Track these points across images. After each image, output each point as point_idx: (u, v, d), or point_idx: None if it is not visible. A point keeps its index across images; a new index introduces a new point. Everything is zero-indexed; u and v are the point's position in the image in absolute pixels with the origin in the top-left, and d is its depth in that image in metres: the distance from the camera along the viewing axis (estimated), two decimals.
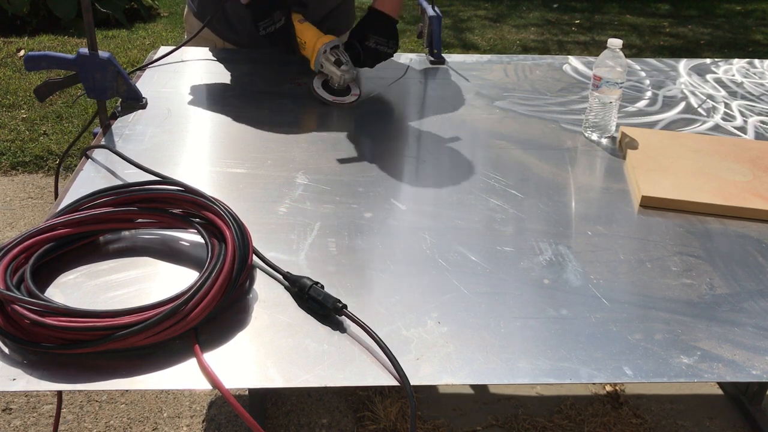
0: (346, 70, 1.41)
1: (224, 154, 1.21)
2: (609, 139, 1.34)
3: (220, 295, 0.81)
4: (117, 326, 0.75)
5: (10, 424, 1.78)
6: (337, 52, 1.42)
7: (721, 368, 0.80)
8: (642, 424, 1.85)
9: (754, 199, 1.11)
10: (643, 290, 0.92)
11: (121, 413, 1.83)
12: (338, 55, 1.42)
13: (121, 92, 1.30)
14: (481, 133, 1.35)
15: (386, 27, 1.46)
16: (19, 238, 0.86)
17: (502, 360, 0.80)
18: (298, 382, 0.75)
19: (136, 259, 0.92)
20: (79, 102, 3.55)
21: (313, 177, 1.15)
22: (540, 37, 5.32)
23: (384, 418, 1.83)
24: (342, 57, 1.42)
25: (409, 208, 1.08)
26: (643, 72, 1.71)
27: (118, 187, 0.96)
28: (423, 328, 0.83)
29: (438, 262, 0.95)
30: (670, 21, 5.91)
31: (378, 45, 1.45)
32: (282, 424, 1.81)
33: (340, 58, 1.41)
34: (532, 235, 1.03)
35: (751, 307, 0.90)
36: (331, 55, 1.41)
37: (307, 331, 0.82)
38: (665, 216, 1.09)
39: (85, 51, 1.22)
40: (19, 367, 0.75)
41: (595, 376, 0.78)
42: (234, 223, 0.89)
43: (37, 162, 3.08)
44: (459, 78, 1.61)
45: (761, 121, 1.45)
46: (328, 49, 1.42)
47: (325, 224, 1.03)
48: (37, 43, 4.35)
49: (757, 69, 1.76)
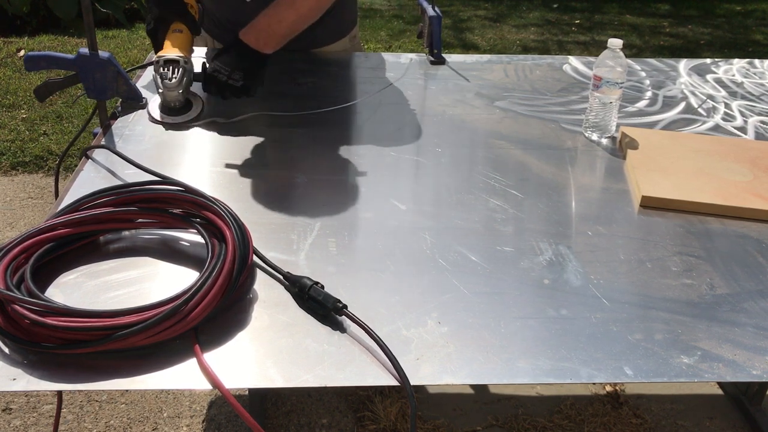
0: (168, 86, 1.26)
1: (224, 154, 1.21)
2: (609, 139, 1.34)
3: (220, 295, 0.81)
4: (117, 326, 0.75)
5: (10, 424, 1.78)
6: (170, 67, 1.27)
7: (721, 368, 0.80)
8: (642, 424, 1.85)
9: (754, 199, 1.11)
10: (643, 290, 0.92)
11: (121, 413, 1.83)
12: (168, 69, 1.27)
13: (121, 92, 1.30)
14: (481, 133, 1.35)
15: (238, 58, 1.31)
16: (19, 238, 0.86)
17: (502, 360, 0.80)
18: (298, 382, 0.75)
19: (136, 259, 0.93)
20: (79, 102, 3.55)
21: (313, 177, 1.15)
22: (540, 37, 5.32)
23: (384, 418, 1.83)
24: (171, 73, 1.27)
25: (409, 208, 1.08)
26: (643, 72, 1.71)
27: (118, 187, 0.96)
28: (423, 328, 0.83)
29: (438, 262, 0.95)
30: (670, 21, 5.91)
31: (215, 72, 1.30)
32: (282, 424, 1.81)
33: (166, 73, 1.27)
34: (532, 235, 1.03)
35: (751, 307, 0.90)
36: (162, 68, 1.28)
37: (307, 331, 0.82)
38: (665, 216, 1.09)
39: (85, 51, 1.22)
40: (19, 367, 0.75)
41: (595, 376, 0.78)
42: (234, 223, 0.89)
43: (37, 162, 3.08)
44: (459, 78, 1.61)
45: (761, 121, 1.45)
46: (162, 61, 1.28)
47: (325, 224, 1.03)
48: (37, 43, 4.34)
49: (757, 69, 1.76)
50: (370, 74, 1.59)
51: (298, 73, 1.56)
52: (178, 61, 1.28)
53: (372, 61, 1.68)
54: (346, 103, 1.44)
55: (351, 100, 1.46)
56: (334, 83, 1.54)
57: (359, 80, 1.56)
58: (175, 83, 1.27)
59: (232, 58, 1.31)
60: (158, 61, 1.28)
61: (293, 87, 1.50)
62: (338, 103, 1.44)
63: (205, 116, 1.34)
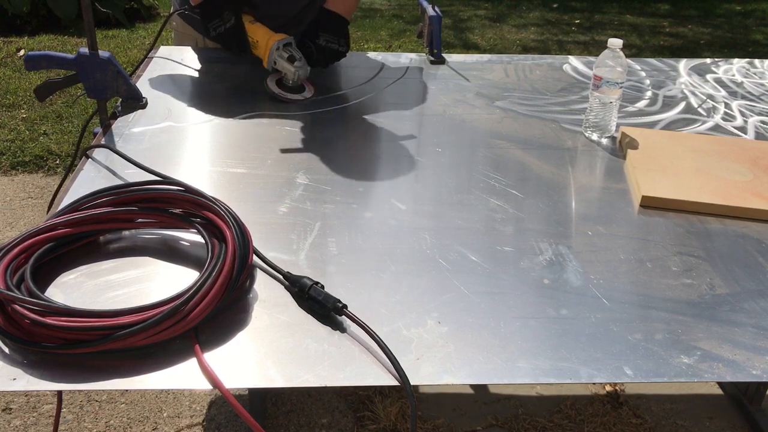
0: (299, 66, 1.41)
1: (224, 154, 1.21)
2: (609, 139, 1.34)
3: (220, 295, 0.81)
4: (117, 326, 0.75)
5: (10, 423, 1.78)
6: (290, 49, 1.42)
7: (721, 368, 0.80)
8: (642, 424, 1.85)
9: (754, 199, 1.11)
10: (643, 290, 0.92)
11: (121, 413, 1.83)
12: (291, 51, 1.42)
13: (121, 92, 1.30)
14: (481, 133, 1.35)
15: (337, 26, 1.48)
16: (19, 238, 0.86)
17: (502, 360, 0.80)
18: (299, 382, 0.75)
19: (136, 259, 0.92)
20: (79, 102, 3.55)
21: (313, 177, 1.15)
22: (540, 37, 5.32)
23: (384, 418, 1.83)
24: (295, 53, 1.42)
25: (409, 208, 1.08)
26: (643, 72, 1.71)
27: (118, 187, 0.96)
28: (423, 328, 0.83)
29: (438, 262, 0.95)
30: (670, 21, 5.91)
31: (329, 43, 1.46)
32: (282, 424, 1.81)
33: (293, 55, 1.42)
34: (532, 235, 1.03)
35: (751, 307, 0.90)
36: (284, 52, 1.42)
37: (307, 331, 0.82)
38: (665, 216, 1.09)
39: (85, 51, 1.22)
40: (19, 366, 0.75)
41: (595, 376, 0.78)
42: (234, 223, 0.89)
43: (37, 162, 3.08)
44: (459, 78, 1.61)
45: (761, 121, 1.45)
46: (281, 46, 1.42)
47: (325, 224, 1.03)
48: (37, 43, 4.35)
49: (757, 69, 1.76)
50: (370, 74, 1.59)
51: None
52: (292, 42, 1.43)
53: (372, 61, 1.68)
54: (346, 103, 1.44)
55: (351, 100, 1.46)
56: (334, 83, 1.54)
57: (359, 80, 1.56)
58: (304, 62, 1.43)
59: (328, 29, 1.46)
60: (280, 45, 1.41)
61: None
62: (338, 103, 1.44)
63: (207, 116, 1.34)
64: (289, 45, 1.43)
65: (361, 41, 4.95)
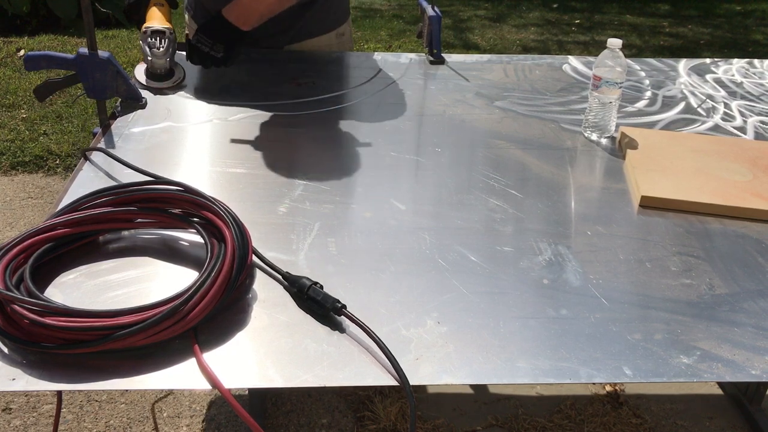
0: (157, 54, 1.41)
1: (224, 154, 1.21)
2: (609, 139, 1.34)
3: (219, 295, 0.81)
4: (117, 326, 0.75)
5: (10, 423, 1.78)
6: (157, 37, 1.42)
7: (720, 368, 0.80)
8: (642, 424, 1.85)
9: (754, 199, 1.11)
10: (642, 290, 0.92)
11: (121, 413, 1.83)
12: (156, 39, 1.42)
13: (121, 92, 1.31)
14: (481, 133, 1.35)
15: (218, 30, 1.42)
16: (18, 238, 0.86)
17: (502, 360, 0.80)
18: (298, 382, 0.75)
19: (136, 259, 0.92)
20: (79, 102, 3.55)
21: (313, 177, 1.15)
22: (540, 37, 5.32)
23: (384, 418, 1.83)
24: (159, 43, 1.41)
25: (409, 208, 1.08)
26: (643, 72, 1.71)
27: (117, 187, 0.96)
28: (423, 328, 0.83)
29: (438, 262, 0.95)
30: (670, 21, 5.91)
31: (199, 43, 1.43)
32: (282, 424, 1.81)
33: (154, 43, 1.41)
34: (532, 235, 1.03)
35: (750, 307, 0.90)
36: (150, 38, 1.42)
37: (306, 331, 0.82)
38: (665, 216, 1.09)
39: (85, 51, 1.22)
40: (19, 367, 0.75)
41: (595, 376, 0.78)
42: (233, 223, 0.89)
43: (37, 162, 3.08)
44: (459, 78, 1.61)
45: (761, 121, 1.45)
46: (149, 31, 1.42)
47: (324, 224, 1.03)
48: (37, 43, 4.34)
49: (757, 69, 1.76)
50: (370, 74, 1.60)
51: (298, 73, 1.56)
52: (164, 32, 1.42)
53: (372, 61, 1.68)
54: (346, 103, 1.44)
55: (351, 100, 1.46)
56: (334, 83, 1.54)
57: (359, 80, 1.56)
58: (162, 52, 1.42)
59: (214, 32, 1.42)
60: (146, 32, 1.42)
61: (293, 87, 1.50)
62: (338, 103, 1.44)
63: (206, 116, 1.34)
64: (159, 33, 1.42)
65: (361, 41, 4.95)
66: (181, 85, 1.46)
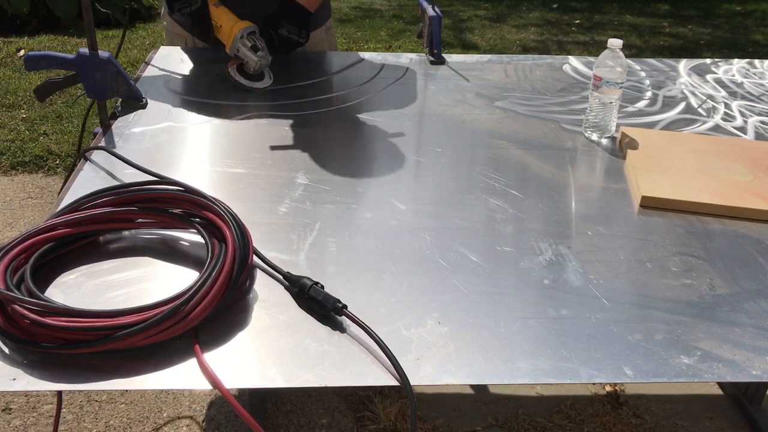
0: (262, 56, 1.44)
1: (224, 154, 1.21)
2: (609, 139, 1.34)
3: (220, 295, 0.81)
4: (117, 326, 0.75)
5: (10, 424, 1.78)
6: (253, 38, 1.44)
7: (721, 368, 0.80)
8: (642, 424, 1.85)
9: (754, 199, 1.11)
10: (643, 290, 0.92)
11: (121, 413, 1.83)
12: (255, 41, 1.44)
13: (121, 92, 1.31)
14: (481, 133, 1.35)
15: (298, 17, 1.50)
16: (19, 238, 0.86)
17: (502, 360, 0.80)
18: (298, 382, 0.75)
19: (136, 259, 0.92)
20: (79, 102, 3.55)
21: (313, 177, 1.15)
22: (540, 37, 5.32)
23: (384, 418, 1.83)
24: (258, 43, 1.44)
25: (409, 208, 1.08)
26: (643, 72, 1.71)
27: (117, 187, 0.96)
28: (423, 328, 0.83)
29: (438, 262, 0.95)
30: (670, 21, 5.91)
31: (290, 34, 1.49)
32: (282, 424, 1.81)
33: (256, 44, 1.44)
34: (532, 235, 1.03)
35: (751, 307, 0.90)
36: (248, 41, 1.43)
37: (307, 331, 0.82)
38: (665, 216, 1.09)
39: (85, 51, 1.22)
40: (19, 367, 0.75)
41: (595, 376, 0.78)
42: (234, 223, 0.89)
43: (37, 162, 3.08)
44: (459, 78, 1.61)
45: (761, 121, 1.45)
46: (246, 35, 1.43)
47: (325, 224, 1.03)
48: (37, 43, 4.34)
49: (757, 69, 1.76)
50: (370, 74, 1.60)
51: (298, 73, 1.56)
52: (255, 31, 1.45)
53: (372, 61, 1.68)
54: (346, 103, 1.44)
55: (351, 100, 1.46)
56: (334, 83, 1.54)
57: (359, 80, 1.56)
58: (266, 51, 1.45)
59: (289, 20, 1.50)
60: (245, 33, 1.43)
61: (293, 87, 1.50)
62: (338, 103, 1.44)
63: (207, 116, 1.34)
64: (252, 34, 1.44)
65: (361, 41, 4.95)
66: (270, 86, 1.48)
